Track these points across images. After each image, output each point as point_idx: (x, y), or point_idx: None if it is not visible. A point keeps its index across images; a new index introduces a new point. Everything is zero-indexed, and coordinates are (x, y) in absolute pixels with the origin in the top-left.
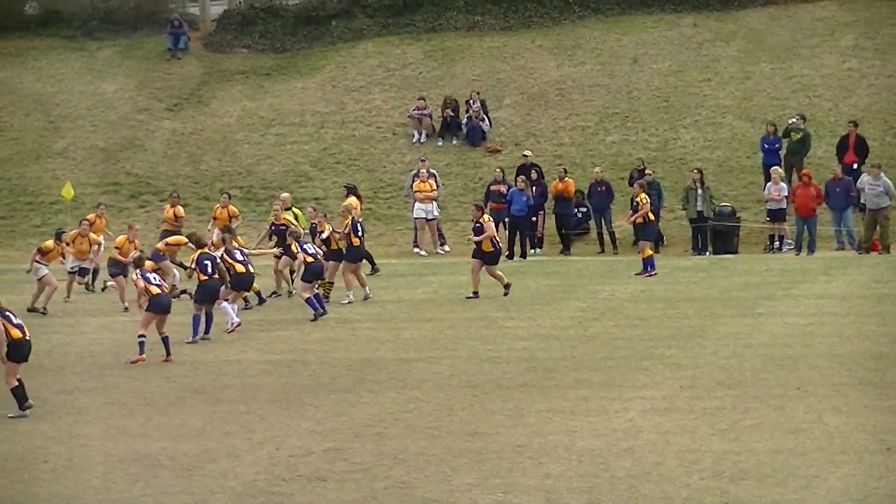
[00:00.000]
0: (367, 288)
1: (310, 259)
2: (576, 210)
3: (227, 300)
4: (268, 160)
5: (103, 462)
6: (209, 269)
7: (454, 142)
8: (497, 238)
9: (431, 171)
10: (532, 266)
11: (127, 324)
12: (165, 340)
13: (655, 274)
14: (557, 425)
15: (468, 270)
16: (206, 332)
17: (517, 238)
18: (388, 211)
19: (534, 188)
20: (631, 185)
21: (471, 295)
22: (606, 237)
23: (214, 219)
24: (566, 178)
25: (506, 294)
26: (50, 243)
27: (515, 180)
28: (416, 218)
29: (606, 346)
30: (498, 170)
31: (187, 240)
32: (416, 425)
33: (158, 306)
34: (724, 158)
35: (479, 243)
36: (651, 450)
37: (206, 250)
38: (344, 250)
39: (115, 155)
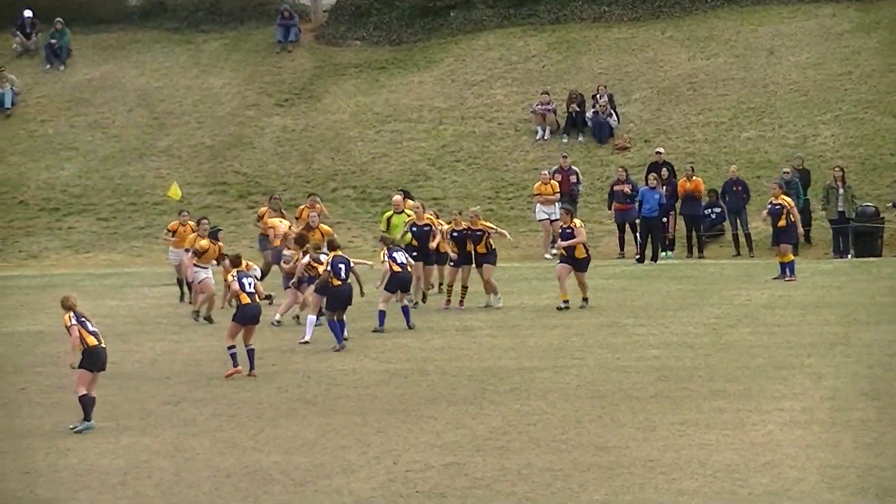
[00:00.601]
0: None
1: (397, 269)
2: (709, 211)
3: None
4: (383, 158)
5: (211, 477)
6: (342, 274)
7: (580, 138)
8: (587, 244)
9: (574, 168)
10: (663, 269)
11: None
12: (251, 353)
13: (794, 280)
14: (691, 439)
15: (595, 274)
16: (339, 341)
17: (648, 240)
18: (510, 212)
19: (664, 187)
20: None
21: (562, 305)
22: (742, 239)
23: (298, 218)
24: (694, 177)
25: (582, 306)
26: (205, 243)
27: (646, 179)
28: (539, 220)
29: (743, 355)
30: (620, 169)
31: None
32: (540, 438)
33: (246, 316)
34: (867, 156)
35: (570, 248)
36: (791, 465)
37: (342, 253)
38: (476, 254)
39: (223, 153)
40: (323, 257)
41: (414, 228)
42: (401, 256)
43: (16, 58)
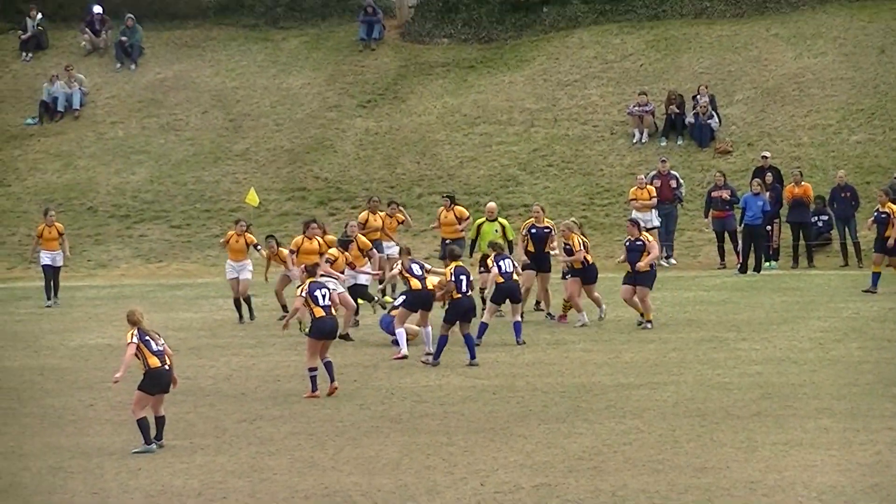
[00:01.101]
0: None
1: (500, 279)
2: (816, 218)
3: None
4: (471, 162)
5: (289, 498)
6: (463, 286)
7: (679, 142)
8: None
9: (672, 172)
10: (767, 281)
11: None
12: (328, 366)
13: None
14: (794, 459)
15: (695, 285)
16: (472, 357)
17: (751, 249)
18: (605, 219)
19: (768, 193)
20: None
21: (645, 324)
22: (851, 248)
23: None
24: (803, 182)
25: (645, 327)
26: (334, 251)
27: (751, 184)
28: None
29: (850, 371)
30: (719, 173)
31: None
32: (636, 459)
33: (322, 331)
34: None
35: (633, 263)
36: None
37: (461, 263)
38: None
39: (302, 157)
40: (416, 267)
41: (534, 230)
42: (507, 265)
43: (84, 56)
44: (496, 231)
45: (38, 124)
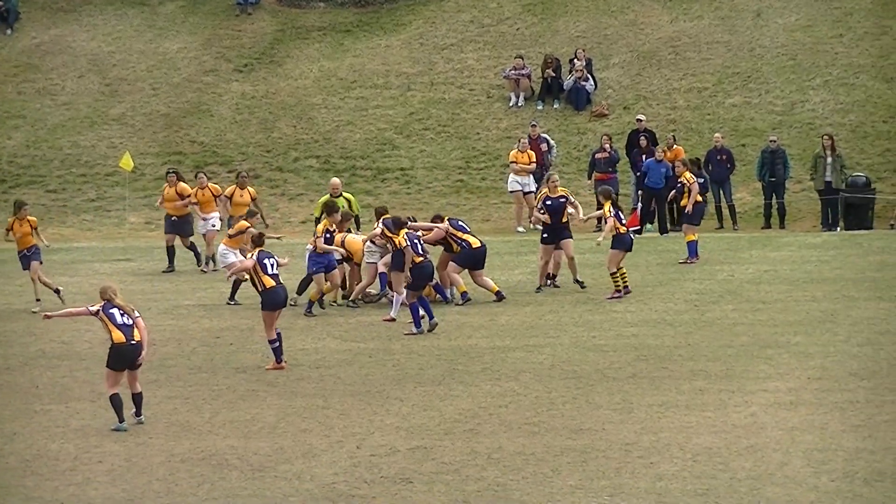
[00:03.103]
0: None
1: (419, 259)
2: None
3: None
4: (348, 126)
5: (165, 462)
6: (419, 249)
7: (555, 105)
8: (458, 235)
9: (544, 136)
10: (643, 243)
11: (192, 309)
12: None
13: (695, 261)
14: (670, 421)
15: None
16: (430, 318)
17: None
18: (481, 183)
19: (643, 157)
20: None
21: (455, 299)
22: (725, 211)
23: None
24: (675, 146)
25: (497, 300)
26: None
27: (649, 150)
28: (511, 191)
29: (725, 333)
30: (605, 136)
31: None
32: (512, 421)
33: (274, 302)
34: (858, 123)
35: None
36: (775, 448)
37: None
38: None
39: (179, 121)
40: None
41: (549, 202)
42: (421, 245)
43: None
44: (342, 207)
45: None
